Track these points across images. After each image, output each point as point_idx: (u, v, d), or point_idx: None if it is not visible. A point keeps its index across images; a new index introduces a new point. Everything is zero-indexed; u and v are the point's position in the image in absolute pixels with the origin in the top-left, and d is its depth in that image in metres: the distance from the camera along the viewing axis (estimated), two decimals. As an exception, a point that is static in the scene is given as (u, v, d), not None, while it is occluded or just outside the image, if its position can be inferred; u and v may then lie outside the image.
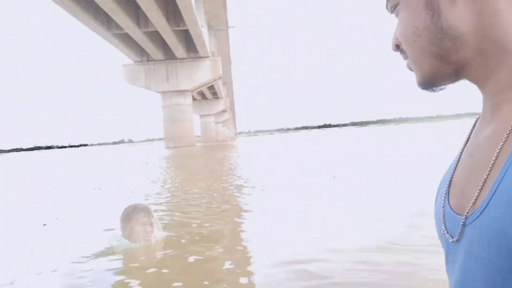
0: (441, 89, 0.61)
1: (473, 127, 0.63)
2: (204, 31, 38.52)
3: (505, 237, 0.46)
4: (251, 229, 4.95)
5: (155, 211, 5.92)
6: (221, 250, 4.05)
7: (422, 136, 29.49)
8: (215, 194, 7.85)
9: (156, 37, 38.37)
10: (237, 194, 7.88)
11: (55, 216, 6.53)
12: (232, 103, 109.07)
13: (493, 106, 0.55)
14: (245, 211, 6.19)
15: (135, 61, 45.01)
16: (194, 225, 5.18)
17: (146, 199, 7.80)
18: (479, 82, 0.57)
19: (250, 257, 3.73)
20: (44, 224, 5.92)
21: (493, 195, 0.49)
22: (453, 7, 0.54)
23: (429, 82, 0.60)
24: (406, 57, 0.62)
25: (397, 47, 0.63)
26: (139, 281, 3.25)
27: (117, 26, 33.71)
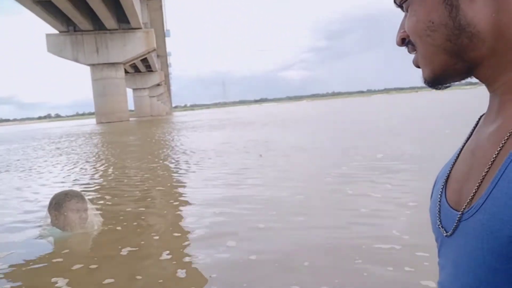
0: (446, 87, 0.60)
1: (476, 124, 0.62)
2: (136, 1, 36.71)
3: (499, 235, 0.46)
4: (187, 214, 4.93)
5: (88, 195, 5.71)
6: (157, 238, 4.00)
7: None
8: (148, 175, 7.71)
9: (84, 6, 35.94)
10: (172, 175, 7.80)
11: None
12: (167, 76, 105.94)
13: (500, 105, 0.55)
14: (180, 194, 6.16)
15: (60, 31, 42.02)
16: (129, 209, 5.07)
17: (75, 184, 7.48)
18: (489, 80, 0.56)
19: (187, 245, 3.72)
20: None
21: (490, 192, 0.48)
22: (472, 3, 0.52)
23: (439, 79, 0.59)
24: (412, 51, 0.60)
25: (403, 41, 0.61)
26: (67, 278, 3.12)
27: (39, -8, 31.11)
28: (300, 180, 6.15)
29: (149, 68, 76.44)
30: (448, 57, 0.56)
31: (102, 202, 5.65)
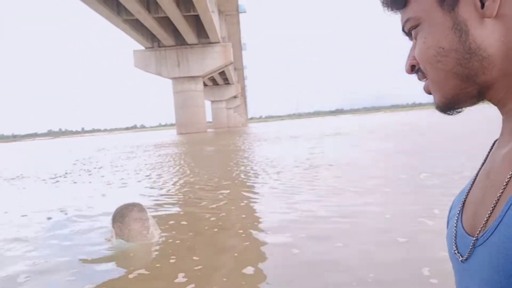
0: (458, 112, 0.61)
1: (491, 148, 0.62)
2: (215, 16, 38.04)
3: None
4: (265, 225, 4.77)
5: (151, 207, 5.79)
6: (229, 255, 3.87)
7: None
8: (223, 186, 7.69)
9: (167, 23, 38.04)
10: (249, 184, 7.72)
11: (60, 209, 6.43)
12: (243, 88, 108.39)
13: None
14: (256, 202, 6.03)
15: (146, 47, 44.82)
16: (196, 221, 5.04)
17: (145, 194, 7.68)
18: (500, 103, 0.57)
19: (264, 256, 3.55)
20: (49, 218, 5.82)
21: (504, 215, 0.48)
22: (482, 28, 0.53)
23: (451, 104, 0.59)
24: (422, 78, 0.61)
25: (412, 68, 0.62)
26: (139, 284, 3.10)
27: (127, 11, 33.45)
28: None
29: (226, 81, 78.72)
30: (460, 81, 0.56)
31: (171, 213, 5.68)
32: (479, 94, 0.57)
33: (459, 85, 0.56)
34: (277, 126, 66.09)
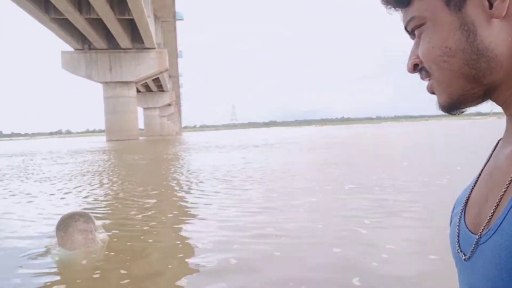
0: (462, 112, 0.60)
1: (494, 148, 0.62)
2: (151, 21, 37.26)
3: None
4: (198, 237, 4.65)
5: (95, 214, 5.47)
6: (166, 265, 3.72)
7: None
8: (155, 197, 7.45)
9: (99, 25, 36.57)
10: (182, 194, 7.53)
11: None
12: (178, 96, 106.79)
13: None
14: (191, 216, 5.88)
15: (75, 49, 42.70)
16: (136, 230, 4.80)
17: (81, 205, 7.25)
18: (506, 104, 0.57)
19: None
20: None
21: (507, 212, 0.49)
22: (490, 28, 0.53)
23: (456, 104, 0.58)
24: (425, 78, 0.60)
25: (415, 67, 0.60)
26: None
27: (56, 10, 31.70)
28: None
29: (160, 88, 77.15)
30: (466, 82, 0.56)
31: (110, 221, 5.39)
32: (484, 95, 0.57)
33: (466, 85, 0.56)
34: (212, 136, 65.85)
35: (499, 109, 0.59)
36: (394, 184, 7.26)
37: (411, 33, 0.61)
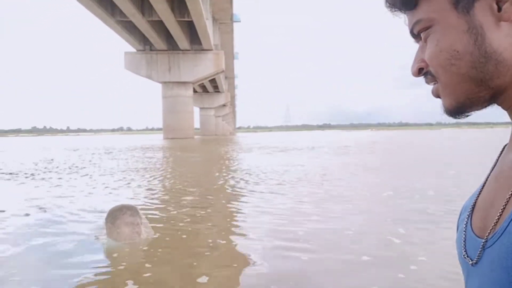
0: (467, 116, 0.60)
1: (501, 153, 0.62)
2: (209, 23, 38.14)
3: None
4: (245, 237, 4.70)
5: (144, 209, 5.70)
6: (208, 262, 3.80)
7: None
8: (210, 196, 7.61)
9: (160, 27, 37.99)
10: (234, 194, 7.65)
11: (40, 207, 6.27)
12: (233, 97, 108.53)
13: None
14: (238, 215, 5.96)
15: (137, 50, 44.63)
16: (182, 225, 4.95)
17: (133, 198, 7.57)
18: (511, 108, 0.56)
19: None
20: (27, 214, 5.67)
21: None
22: (498, 31, 0.53)
23: (462, 108, 0.58)
24: (431, 82, 0.60)
25: (420, 71, 0.60)
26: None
27: (121, 13, 33.32)
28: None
29: (216, 89, 78.73)
30: (473, 86, 0.55)
31: (159, 217, 5.59)
32: (490, 99, 0.56)
33: (473, 89, 0.55)
34: (266, 137, 66.16)
35: None
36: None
37: (417, 36, 0.60)
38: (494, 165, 0.62)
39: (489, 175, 0.62)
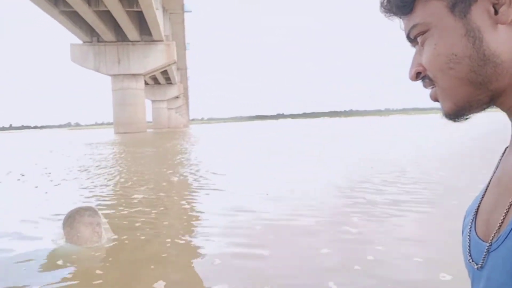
0: (466, 119, 0.60)
1: (502, 155, 0.62)
2: (159, 13, 37.16)
3: None
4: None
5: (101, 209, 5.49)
6: (169, 268, 3.71)
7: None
8: (163, 192, 7.45)
9: (108, 17, 36.55)
10: (193, 191, 7.53)
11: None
12: (186, 89, 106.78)
13: None
14: (198, 211, 5.88)
15: (84, 41, 42.78)
16: (140, 224, 4.80)
17: (90, 199, 7.29)
18: (510, 110, 0.57)
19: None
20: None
21: None
22: (495, 34, 0.53)
23: (461, 111, 0.58)
24: (429, 86, 0.59)
25: (417, 76, 0.60)
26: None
27: (65, 3, 31.76)
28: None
29: (168, 81, 77.17)
30: (473, 89, 0.55)
31: (116, 218, 5.40)
32: (489, 101, 0.57)
33: (472, 92, 0.56)
34: (221, 128, 65.92)
35: None
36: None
37: (413, 40, 0.60)
38: (496, 168, 0.62)
39: (491, 178, 0.62)
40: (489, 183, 0.62)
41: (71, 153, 18.48)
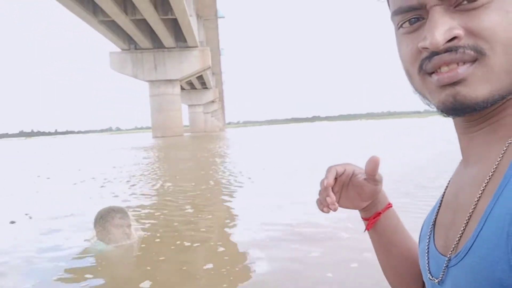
0: (469, 114, 0.51)
1: (458, 167, 0.60)
2: (193, 20, 37.94)
3: (491, 277, 0.43)
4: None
5: (133, 210, 5.74)
6: (203, 261, 3.87)
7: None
8: (202, 193, 7.66)
9: (144, 25, 37.71)
10: (226, 192, 7.70)
11: (25, 212, 6.26)
12: (221, 93, 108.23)
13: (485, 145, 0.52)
14: (234, 215, 6.03)
15: (122, 49, 44.26)
16: (176, 225, 5.01)
17: (126, 200, 7.60)
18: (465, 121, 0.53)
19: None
20: (12, 222, 5.67)
21: (477, 236, 0.46)
22: None
23: (489, 102, 0.47)
24: (460, 60, 0.46)
25: (451, 40, 0.46)
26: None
27: (104, 13, 33.01)
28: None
29: (204, 85, 78.45)
30: None
31: (150, 218, 5.64)
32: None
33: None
34: (257, 132, 66.14)
35: None
36: None
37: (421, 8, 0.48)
38: (450, 181, 0.61)
39: (445, 190, 0.60)
40: (443, 195, 0.61)
41: (125, 155, 19.26)
